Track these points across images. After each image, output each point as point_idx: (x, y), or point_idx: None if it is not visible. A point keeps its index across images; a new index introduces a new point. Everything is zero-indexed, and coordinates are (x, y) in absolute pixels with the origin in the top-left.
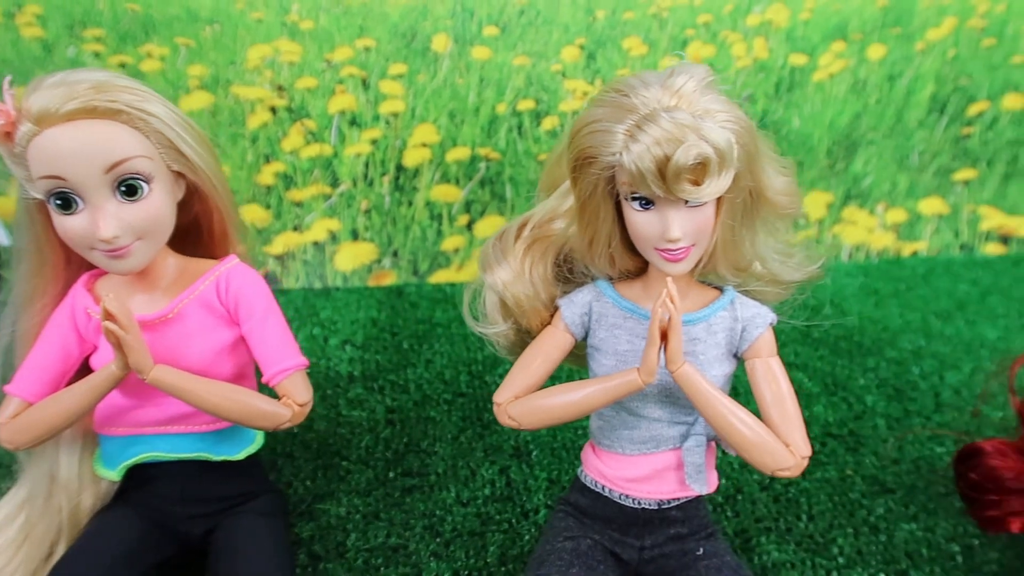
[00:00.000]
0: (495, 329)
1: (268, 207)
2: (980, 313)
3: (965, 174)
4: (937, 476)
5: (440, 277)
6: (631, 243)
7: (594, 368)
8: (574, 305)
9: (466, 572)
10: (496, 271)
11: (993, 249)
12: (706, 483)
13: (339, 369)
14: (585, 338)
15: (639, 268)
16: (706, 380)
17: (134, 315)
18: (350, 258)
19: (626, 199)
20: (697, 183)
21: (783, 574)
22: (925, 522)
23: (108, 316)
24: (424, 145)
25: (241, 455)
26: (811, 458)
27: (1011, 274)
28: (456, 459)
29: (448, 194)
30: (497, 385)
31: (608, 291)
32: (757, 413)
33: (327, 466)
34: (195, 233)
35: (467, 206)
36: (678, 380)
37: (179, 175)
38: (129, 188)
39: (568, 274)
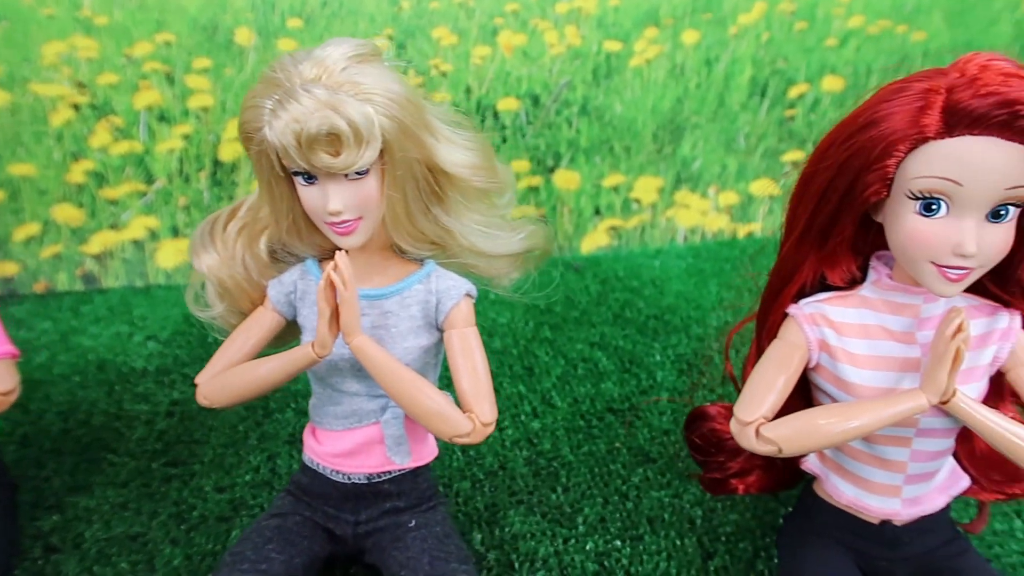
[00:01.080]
0: (212, 312)
1: (81, 206)
2: None
3: (793, 155)
4: None
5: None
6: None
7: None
8: (281, 285)
9: (199, 557)
10: (202, 256)
11: None
12: (408, 455)
13: (134, 365)
14: (296, 318)
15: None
16: (381, 352)
17: None
18: (172, 255)
19: (292, 174)
20: (336, 155)
21: (520, 544)
22: (676, 489)
23: None
24: (239, 139)
25: None
26: (583, 433)
27: None
28: (226, 448)
29: None
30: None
31: (313, 269)
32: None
33: (92, 459)
34: None
35: None
36: (354, 353)
37: None
38: None
39: (282, 257)
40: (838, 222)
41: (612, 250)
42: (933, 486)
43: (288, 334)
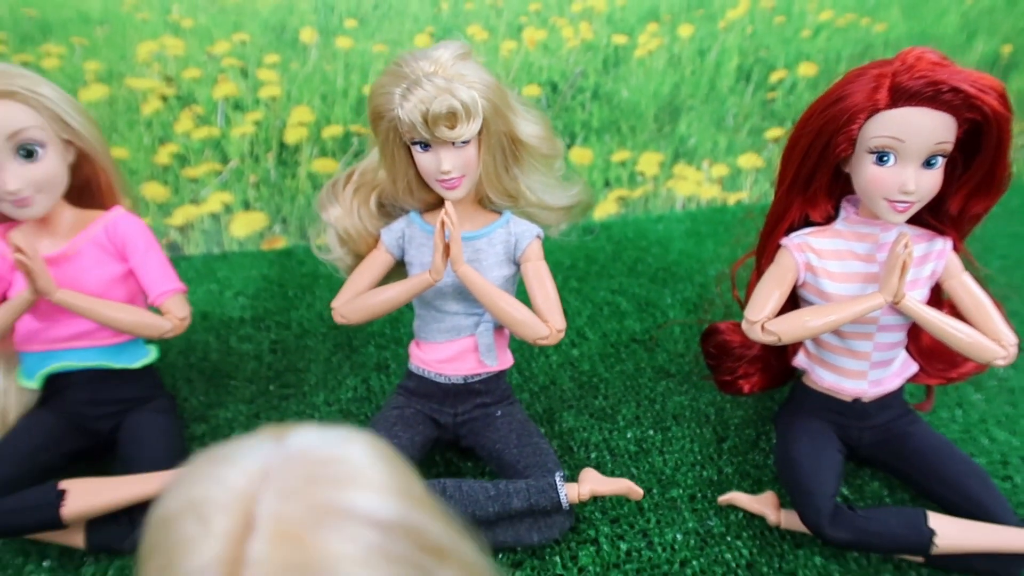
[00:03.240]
0: (334, 255)
1: (166, 184)
2: None
3: (774, 132)
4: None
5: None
6: (424, 180)
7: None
8: (391, 232)
9: None
10: (329, 210)
11: None
12: (496, 359)
13: (231, 315)
14: (404, 257)
15: (438, 200)
16: (481, 278)
17: (40, 251)
18: (244, 226)
19: (411, 144)
20: (452, 128)
21: (575, 435)
22: (692, 395)
23: (17, 250)
24: (302, 124)
25: (138, 364)
26: (613, 357)
27: None
28: (327, 374)
29: (327, 166)
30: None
31: (416, 219)
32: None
33: (219, 385)
34: (88, 190)
35: None
36: (460, 278)
37: (68, 143)
38: (27, 152)
39: (390, 210)
40: (817, 173)
41: (620, 217)
42: (891, 371)
43: (394, 274)
